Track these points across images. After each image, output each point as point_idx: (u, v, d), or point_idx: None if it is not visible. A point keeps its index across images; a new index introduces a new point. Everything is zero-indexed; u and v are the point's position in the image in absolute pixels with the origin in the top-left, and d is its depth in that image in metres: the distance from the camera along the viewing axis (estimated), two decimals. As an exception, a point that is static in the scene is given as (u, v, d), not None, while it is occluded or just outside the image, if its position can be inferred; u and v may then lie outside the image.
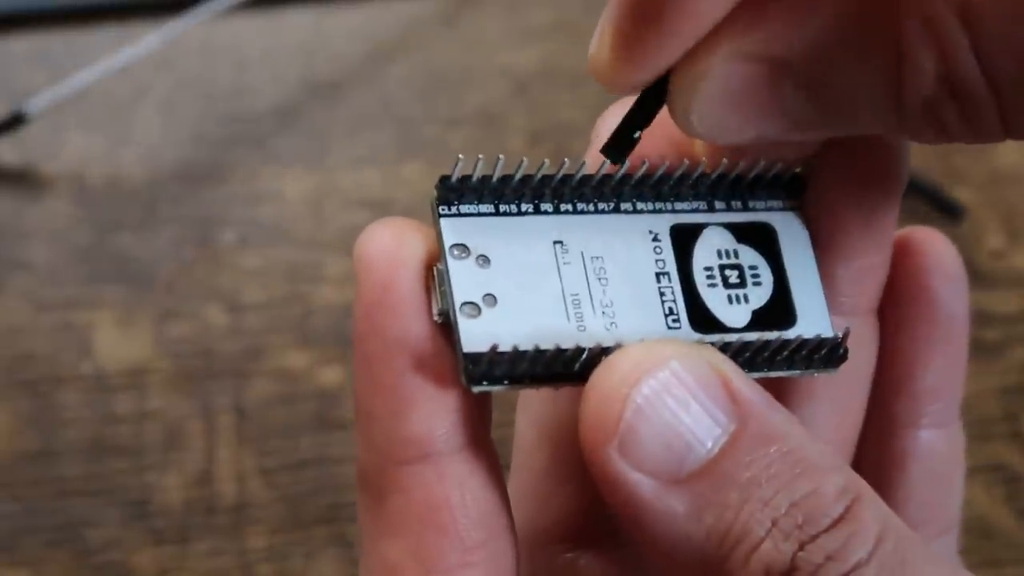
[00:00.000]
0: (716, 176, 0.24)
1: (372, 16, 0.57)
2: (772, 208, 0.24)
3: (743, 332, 0.23)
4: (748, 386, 0.21)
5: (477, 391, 0.21)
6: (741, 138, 0.22)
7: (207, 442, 0.43)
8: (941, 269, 0.26)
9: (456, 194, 0.22)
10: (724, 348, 0.22)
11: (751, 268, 0.24)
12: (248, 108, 0.54)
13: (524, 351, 0.21)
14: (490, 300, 0.22)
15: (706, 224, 0.24)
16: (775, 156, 0.24)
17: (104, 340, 0.46)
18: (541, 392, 0.25)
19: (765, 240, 0.24)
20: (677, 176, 0.23)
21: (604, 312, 0.22)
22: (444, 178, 0.22)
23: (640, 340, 0.21)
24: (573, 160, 0.23)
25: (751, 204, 0.24)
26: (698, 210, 0.24)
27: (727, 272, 0.23)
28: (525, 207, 0.22)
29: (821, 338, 0.23)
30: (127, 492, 0.42)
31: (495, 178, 0.22)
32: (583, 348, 0.21)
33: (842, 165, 0.24)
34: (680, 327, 0.23)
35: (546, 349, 0.21)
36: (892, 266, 0.26)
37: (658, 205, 0.23)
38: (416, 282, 0.21)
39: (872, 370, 0.27)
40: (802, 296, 0.24)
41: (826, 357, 0.23)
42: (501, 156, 0.22)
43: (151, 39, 0.52)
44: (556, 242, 0.22)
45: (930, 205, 0.49)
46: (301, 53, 0.56)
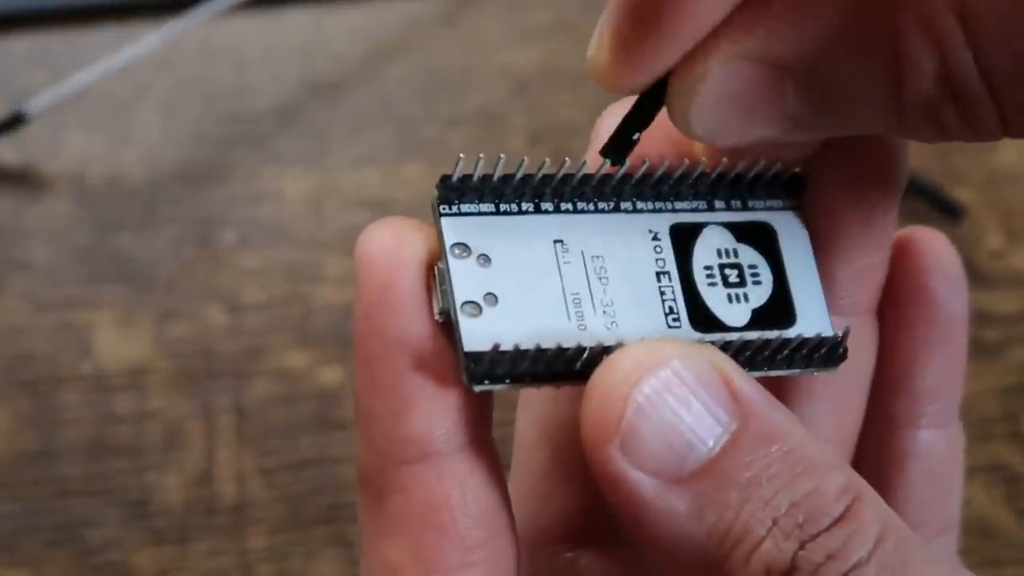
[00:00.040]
0: (716, 175, 0.24)
1: (372, 16, 0.57)
2: (772, 207, 0.24)
3: (743, 331, 0.23)
4: (749, 385, 0.21)
5: (479, 390, 0.21)
6: (740, 140, 0.22)
7: (207, 442, 0.43)
8: (940, 269, 0.26)
9: (457, 193, 0.22)
10: (724, 347, 0.22)
11: (751, 267, 0.24)
12: (248, 108, 0.54)
13: (525, 350, 0.21)
14: (491, 299, 0.22)
15: (706, 223, 0.24)
16: (775, 156, 0.24)
17: (104, 340, 0.46)
18: (542, 391, 0.25)
19: (765, 239, 0.24)
20: (677, 176, 0.23)
21: (605, 311, 0.22)
22: (445, 177, 0.22)
23: (641, 339, 0.21)
24: (573, 160, 0.23)
25: (751, 204, 0.24)
26: (698, 209, 0.24)
27: (727, 271, 0.23)
28: (526, 206, 0.22)
29: (821, 337, 0.23)
30: (127, 492, 0.42)
31: (496, 177, 0.22)
32: (584, 347, 0.21)
33: (842, 165, 0.24)
34: (680, 326, 0.23)
35: (547, 348, 0.21)
36: (892, 266, 0.26)
37: (658, 204, 0.23)
38: (417, 282, 0.21)
39: (871, 370, 0.27)
40: (802, 295, 0.24)
41: (826, 356, 0.23)
42: (502, 155, 0.22)
43: (151, 39, 0.52)
44: (557, 241, 0.22)
45: (930, 205, 0.49)
46: (301, 53, 0.56)
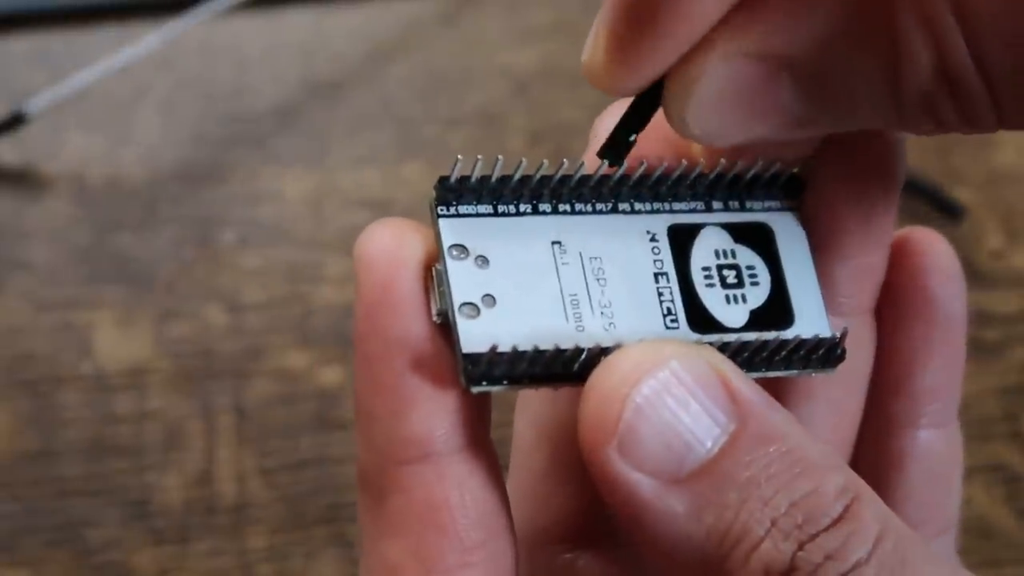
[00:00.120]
0: (714, 176, 0.24)
1: (372, 16, 0.57)
2: (769, 208, 0.24)
3: (741, 332, 0.23)
4: (747, 386, 0.21)
5: (476, 391, 0.21)
6: (738, 139, 0.22)
7: (207, 442, 0.43)
8: (939, 269, 0.26)
9: (455, 195, 0.22)
10: (722, 348, 0.22)
11: (748, 268, 0.24)
12: (248, 108, 0.54)
13: (523, 351, 0.21)
14: (489, 300, 0.22)
15: (704, 224, 0.24)
16: (772, 156, 0.24)
17: (104, 340, 0.46)
18: (540, 392, 0.25)
19: (762, 240, 0.24)
20: (675, 176, 0.23)
21: (603, 312, 0.22)
22: (443, 179, 0.22)
23: (639, 340, 0.21)
24: (571, 161, 0.23)
25: (748, 204, 0.24)
26: (696, 210, 0.24)
27: (725, 272, 0.23)
28: (523, 207, 0.22)
29: (819, 338, 0.23)
30: (127, 492, 0.42)
31: (494, 179, 0.22)
32: (582, 348, 0.21)
33: (839, 165, 0.24)
34: (678, 327, 0.23)
35: (545, 349, 0.21)
36: (890, 266, 0.26)
37: (656, 205, 0.23)
38: (415, 282, 0.21)
39: (870, 370, 0.27)
40: (800, 296, 0.24)
41: (824, 357, 0.23)
42: (500, 157, 0.22)
43: (151, 39, 0.52)
44: (554, 242, 0.22)
45: (930, 205, 0.49)
46: (301, 53, 0.56)
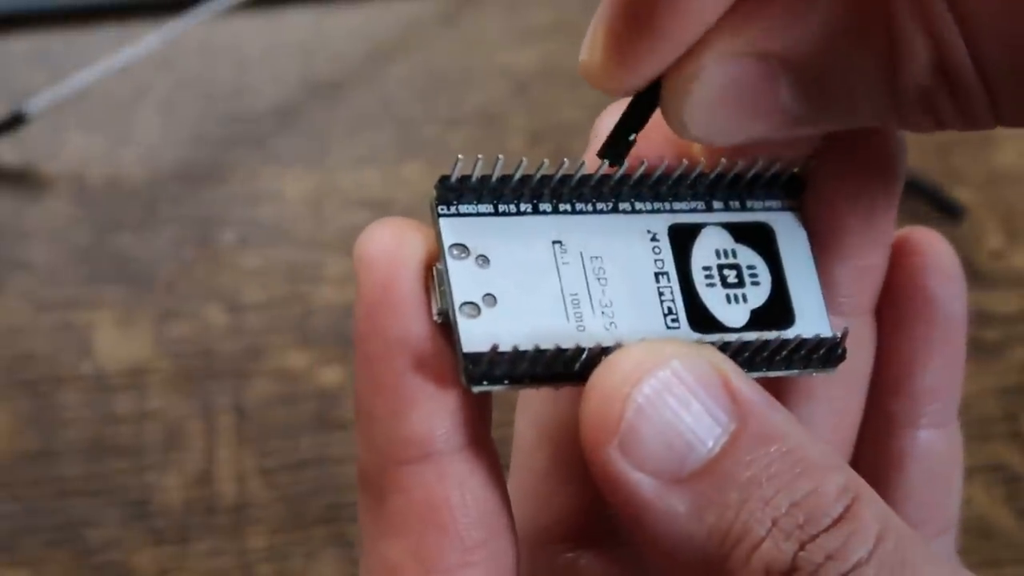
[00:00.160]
0: (714, 176, 0.24)
1: (372, 16, 0.57)
2: (770, 208, 0.24)
3: (742, 332, 0.23)
4: (748, 385, 0.21)
5: (477, 391, 0.21)
6: (736, 139, 0.22)
7: (207, 442, 0.43)
8: (939, 269, 0.26)
9: (455, 194, 0.22)
10: (723, 348, 0.22)
11: (749, 268, 0.24)
12: (248, 108, 0.54)
13: (524, 351, 0.21)
14: (490, 300, 0.22)
15: (704, 224, 0.24)
16: (773, 155, 0.24)
17: (104, 340, 0.46)
18: (541, 392, 0.25)
19: (763, 240, 0.24)
20: (675, 176, 0.23)
21: (603, 312, 0.22)
22: (443, 178, 0.22)
23: (640, 340, 0.21)
24: (572, 160, 0.23)
25: (749, 204, 0.24)
26: (696, 210, 0.24)
27: (725, 272, 0.23)
28: (524, 207, 0.22)
29: (820, 338, 0.23)
30: (127, 492, 0.42)
31: (494, 178, 0.22)
32: (583, 348, 0.21)
33: (840, 165, 0.24)
34: (679, 327, 0.23)
35: (546, 349, 0.21)
36: (890, 266, 0.26)
37: (656, 205, 0.23)
38: (416, 282, 0.21)
39: (870, 370, 0.27)
40: (800, 296, 0.24)
41: (824, 357, 0.23)
42: (500, 156, 0.22)
43: (151, 39, 0.52)
44: (555, 242, 0.22)
45: (930, 205, 0.49)
46: (301, 53, 0.56)
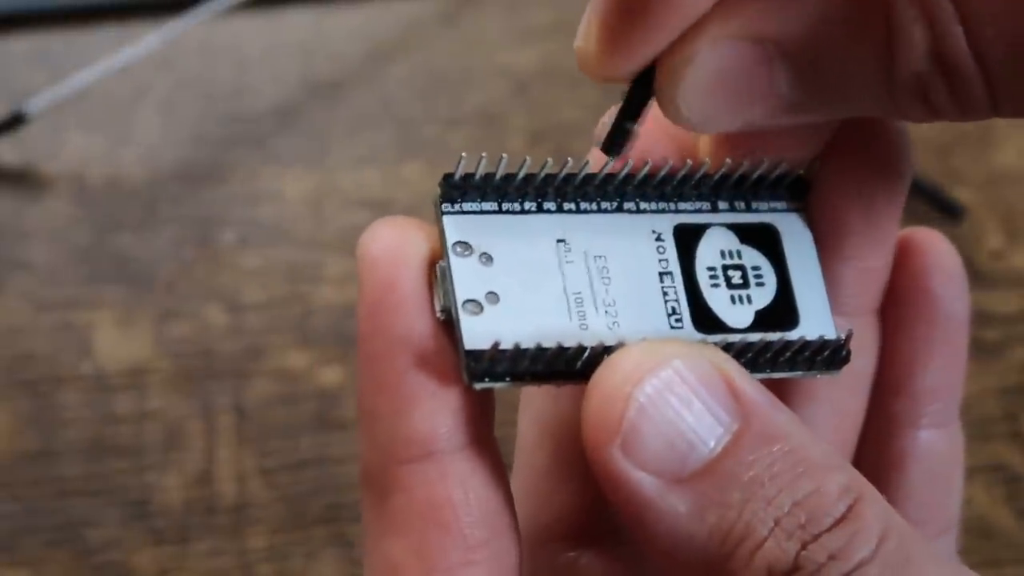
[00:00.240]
0: (719, 176, 0.24)
1: (372, 16, 0.57)
2: (775, 209, 0.24)
3: (746, 333, 0.23)
4: (751, 385, 0.21)
5: (479, 388, 0.21)
6: (730, 125, 0.22)
7: (207, 442, 0.43)
8: (941, 269, 0.26)
9: (459, 192, 0.22)
10: (727, 348, 0.22)
11: (754, 269, 0.24)
12: (248, 108, 0.54)
13: (526, 349, 0.21)
14: (492, 298, 0.22)
15: (709, 224, 0.24)
16: (778, 154, 0.24)
17: (104, 340, 0.46)
18: (543, 390, 0.25)
19: (768, 241, 0.24)
20: (680, 176, 0.23)
21: (607, 311, 0.22)
22: (447, 176, 0.22)
23: (642, 339, 0.21)
24: (576, 159, 0.23)
25: (754, 205, 0.24)
26: (701, 210, 0.24)
27: (730, 272, 0.23)
28: (528, 205, 0.22)
29: (824, 340, 0.23)
30: (127, 492, 0.42)
31: (498, 176, 0.22)
32: (585, 347, 0.21)
33: (846, 167, 0.24)
34: (683, 327, 0.23)
35: (548, 347, 0.21)
36: (892, 266, 0.26)
37: (661, 205, 0.23)
38: (419, 280, 0.21)
39: (873, 371, 0.27)
40: (805, 297, 0.24)
41: (828, 359, 0.23)
42: (504, 155, 0.22)
43: (151, 39, 0.52)
44: (559, 241, 0.22)
45: (930, 205, 0.49)
46: (301, 53, 0.56)
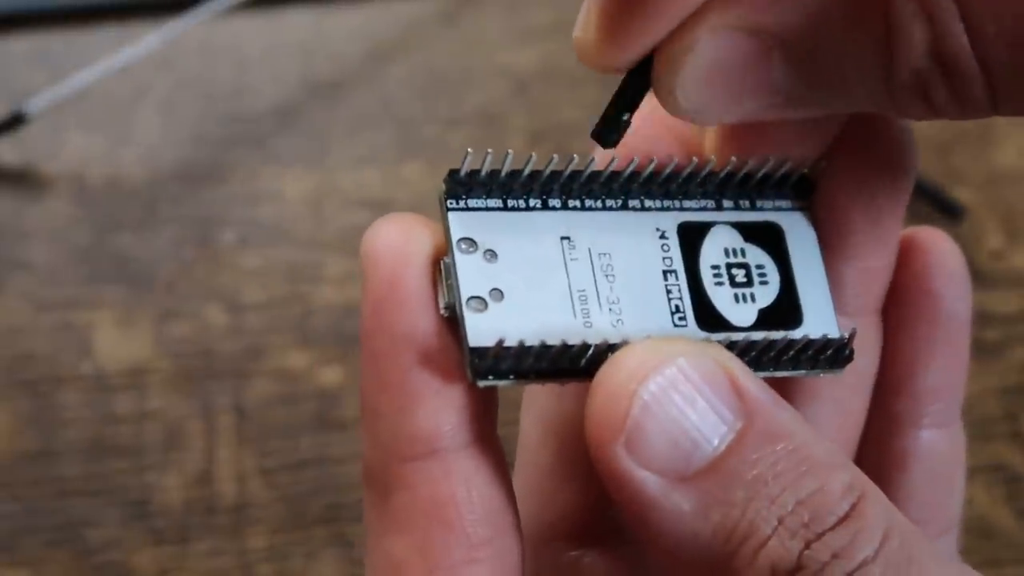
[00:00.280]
0: (724, 175, 0.24)
1: (372, 16, 0.57)
2: (780, 208, 0.24)
3: (749, 331, 0.23)
4: (755, 384, 0.21)
5: (482, 385, 0.21)
6: (728, 116, 0.22)
7: (207, 442, 0.43)
8: (943, 269, 0.26)
9: (464, 188, 0.22)
10: (730, 347, 0.22)
11: (758, 267, 0.24)
12: (248, 108, 0.54)
13: (530, 346, 0.21)
14: (497, 295, 0.22)
15: (714, 223, 0.24)
16: (783, 152, 0.24)
17: (104, 340, 0.45)
18: (546, 388, 0.25)
19: (772, 240, 0.24)
20: (685, 174, 0.23)
21: (611, 309, 0.22)
22: (453, 172, 0.22)
23: (646, 337, 0.21)
24: (581, 157, 0.23)
25: (759, 204, 0.24)
26: (706, 208, 0.24)
27: (734, 271, 0.23)
28: (533, 202, 0.22)
29: (827, 339, 0.23)
30: (127, 492, 0.42)
31: (503, 173, 0.22)
32: (589, 344, 0.21)
33: (850, 165, 0.24)
34: (686, 325, 0.23)
35: (552, 345, 0.21)
36: (895, 266, 0.26)
37: (666, 203, 0.23)
38: (423, 277, 0.21)
39: (875, 371, 0.27)
40: (809, 296, 0.24)
41: (832, 358, 0.23)
42: (510, 151, 0.22)
43: (151, 39, 0.52)
44: (564, 238, 0.22)
45: (930, 205, 0.49)
46: (301, 53, 0.56)
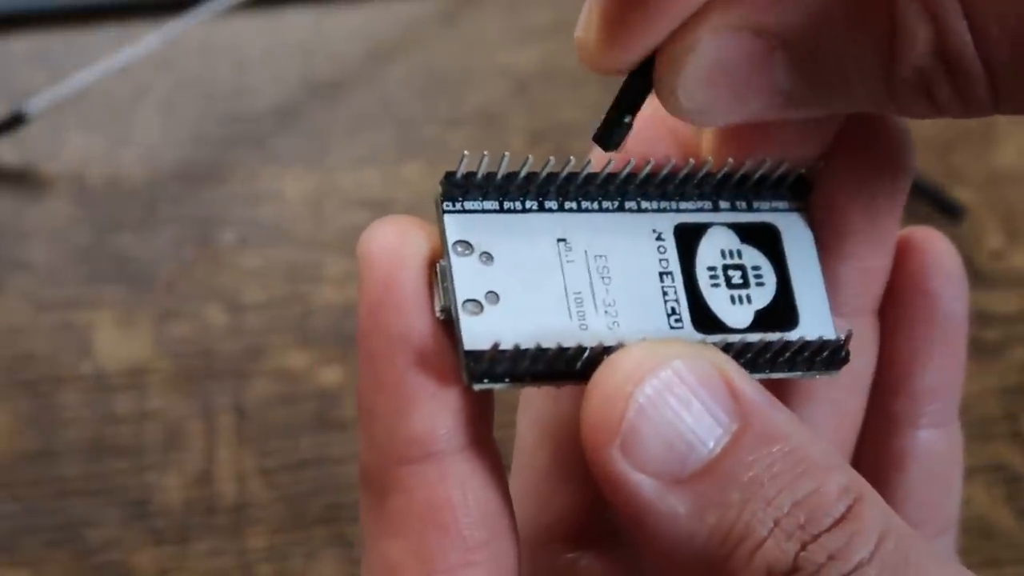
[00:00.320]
0: (721, 176, 0.24)
1: (372, 16, 0.57)
2: (776, 209, 0.24)
3: (745, 333, 0.23)
4: (750, 386, 0.21)
5: (478, 388, 0.21)
6: (730, 117, 0.22)
7: (207, 442, 0.43)
8: (941, 269, 0.26)
9: (460, 190, 0.22)
10: (726, 348, 0.22)
11: (754, 269, 0.24)
12: (248, 108, 0.54)
13: (526, 349, 0.21)
14: (492, 298, 0.22)
15: (710, 224, 0.24)
16: (780, 153, 0.24)
17: (104, 340, 0.45)
18: (542, 391, 0.24)
19: (769, 241, 0.24)
20: (682, 175, 0.23)
21: (607, 311, 0.22)
22: (449, 174, 0.22)
23: (642, 339, 0.21)
24: (578, 158, 0.23)
25: (756, 205, 0.24)
26: (702, 210, 0.24)
27: (730, 272, 0.23)
28: (529, 204, 0.22)
29: (823, 340, 0.23)
30: (127, 492, 0.42)
31: (500, 175, 0.22)
32: (585, 347, 0.21)
33: (848, 165, 0.24)
34: (682, 327, 0.23)
35: (548, 347, 0.21)
36: (892, 266, 0.26)
37: (663, 204, 0.23)
38: (419, 279, 0.21)
39: (872, 371, 0.27)
40: (805, 297, 0.24)
41: (828, 359, 0.23)
42: (506, 153, 0.22)
43: (151, 39, 0.52)
44: (560, 240, 0.22)
45: (930, 205, 0.49)
46: (301, 53, 0.56)
